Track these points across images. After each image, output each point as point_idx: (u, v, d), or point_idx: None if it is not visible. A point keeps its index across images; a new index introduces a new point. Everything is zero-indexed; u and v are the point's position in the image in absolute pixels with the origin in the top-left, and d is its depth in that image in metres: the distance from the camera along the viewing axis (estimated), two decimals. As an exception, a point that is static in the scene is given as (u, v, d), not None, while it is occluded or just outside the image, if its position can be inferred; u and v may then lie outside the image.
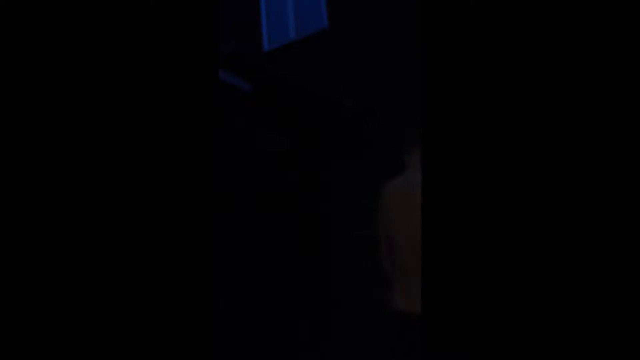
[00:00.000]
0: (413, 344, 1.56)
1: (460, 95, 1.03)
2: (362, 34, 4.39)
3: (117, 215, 1.04)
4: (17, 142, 1.03)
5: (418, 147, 1.76)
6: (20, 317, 0.99)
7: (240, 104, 3.51)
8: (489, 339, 0.97)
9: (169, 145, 1.07)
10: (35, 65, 1.05)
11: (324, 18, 4.69)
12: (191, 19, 1.10)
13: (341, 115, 4.18)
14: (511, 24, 1.01)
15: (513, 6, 1.01)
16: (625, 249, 0.91)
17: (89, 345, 1.01)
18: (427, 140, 1.04)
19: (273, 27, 5.02)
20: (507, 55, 1.01)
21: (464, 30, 1.03)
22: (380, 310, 3.80)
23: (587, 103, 0.96)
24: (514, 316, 0.96)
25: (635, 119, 0.93)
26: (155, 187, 1.06)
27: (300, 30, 4.83)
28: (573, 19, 0.98)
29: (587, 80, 0.96)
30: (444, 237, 1.01)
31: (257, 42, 5.07)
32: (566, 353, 0.92)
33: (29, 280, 1.00)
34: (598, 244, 0.93)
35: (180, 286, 1.04)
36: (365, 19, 4.41)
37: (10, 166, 1.02)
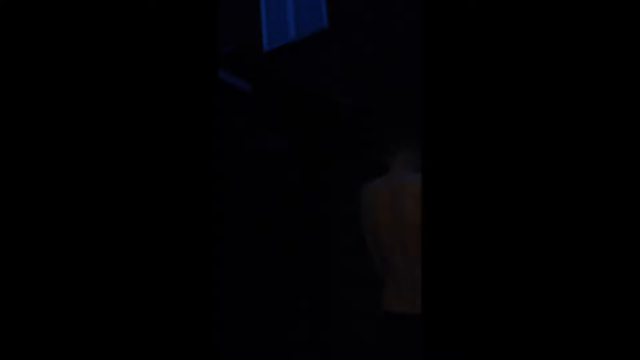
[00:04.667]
0: (413, 344, 1.56)
1: (460, 95, 1.03)
2: (362, 34, 4.39)
3: (116, 216, 1.04)
4: (16, 142, 1.03)
5: (401, 147, 1.76)
6: (20, 317, 0.99)
7: (240, 104, 3.51)
8: (489, 339, 0.97)
9: (169, 146, 1.07)
10: (34, 65, 1.05)
11: (324, 18, 4.69)
12: (191, 19, 1.10)
13: (341, 115, 4.18)
14: (511, 23, 1.01)
15: (513, 6, 1.01)
16: (626, 249, 0.91)
17: (89, 345, 1.01)
18: (427, 140, 1.04)
19: (273, 27, 5.02)
20: (507, 55, 1.01)
21: (464, 30, 1.03)
22: (381, 310, 3.80)
23: (588, 104, 0.96)
24: (514, 316, 0.96)
25: (636, 119, 0.93)
26: (155, 187, 1.06)
27: (300, 30, 4.82)
28: (573, 19, 0.98)
29: (587, 82, 0.96)
30: (444, 236, 1.01)
31: (257, 42, 5.07)
32: (566, 353, 0.92)
33: (28, 280, 1.00)
34: (598, 244, 0.93)
35: (180, 286, 1.04)
36: (365, 19, 4.41)
37: (9, 166, 1.02)
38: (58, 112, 1.04)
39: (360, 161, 4.13)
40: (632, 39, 0.94)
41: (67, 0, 1.07)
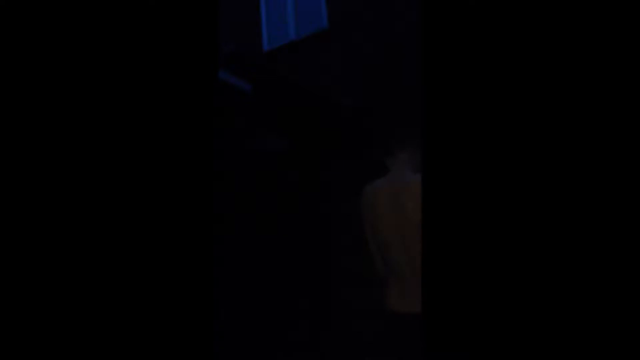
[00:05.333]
0: (413, 344, 1.56)
1: (460, 95, 1.03)
2: (362, 34, 4.39)
3: (116, 216, 1.04)
4: (16, 142, 1.03)
5: (401, 146, 1.76)
6: (20, 317, 0.99)
7: (240, 104, 3.51)
8: (489, 339, 0.97)
9: (169, 145, 1.07)
10: (34, 65, 1.05)
11: (324, 18, 4.69)
12: (191, 19, 1.10)
13: (341, 115, 4.18)
14: (511, 23, 1.01)
15: (513, 6, 1.01)
16: (626, 249, 0.91)
17: (89, 345, 1.01)
18: (427, 140, 1.04)
19: (273, 27, 5.02)
20: (508, 55, 1.01)
21: (464, 30, 1.03)
22: (380, 310, 3.80)
23: (588, 104, 0.96)
24: (514, 316, 0.96)
25: (636, 119, 0.93)
26: (155, 187, 1.06)
27: (300, 30, 4.82)
28: (574, 19, 0.98)
29: (587, 82, 0.96)
30: (444, 236, 1.01)
31: (257, 42, 5.07)
32: (566, 353, 0.93)
33: (28, 280, 1.00)
34: (598, 244, 0.93)
35: (180, 286, 1.04)
36: (365, 19, 4.41)
37: (9, 166, 1.02)
38: (58, 112, 1.04)
39: (360, 161, 4.13)
40: (632, 39, 0.94)
41: (67, 0, 1.07)
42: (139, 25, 1.08)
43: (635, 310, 0.90)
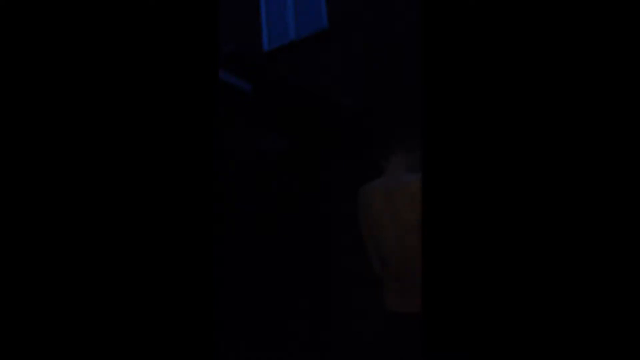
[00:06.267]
0: (413, 344, 1.56)
1: (460, 95, 1.03)
2: (362, 34, 4.39)
3: (117, 216, 1.04)
4: (15, 142, 1.03)
5: (400, 147, 1.77)
6: (20, 318, 0.99)
7: (240, 104, 3.51)
8: (489, 339, 0.97)
9: (169, 146, 1.07)
10: (35, 65, 1.05)
11: (324, 18, 4.69)
12: (191, 19, 1.10)
13: (341, 115, 4.18)
14: (511, 23, 1.01)
15: (513, 6, 1.01)
16: (626, 249, 0.91)
17: (89, 345, 1.01)
18: (427, 140, 1.04)
19: (273, 27, 5.02)
20: (507, 55, 1.01)
21: (464, 30, 1.03)
22: (380, 310, 3.80)
23: (588, 104, 0.96)
24: (514, 316, 0.96)
25: (636, 119, 0.93)
26: (155, 188, 1.06)
27: (300, 30, 4.82)
28: (574, 19, 0.98)
29: (587, 82, 0.96)
30: (444, 236, 1.01)
31: (257, 42, 5.07)
32: (566, 353, 0.93)
33: (27, 281, 1.00)
34: (598, 243, 0.93)
35: (180, 286, 1.04)
36: (365, 19, 4.41)
37: (9, 166, 1.02)
38: (58, 112, 1.04)
39: (360, 161, 4.13)
40: (632, 39, 0.94)
41: (67, 0, 1.07)
42: (139, 25, 1.08)
43: (635, 310, 0.90)
